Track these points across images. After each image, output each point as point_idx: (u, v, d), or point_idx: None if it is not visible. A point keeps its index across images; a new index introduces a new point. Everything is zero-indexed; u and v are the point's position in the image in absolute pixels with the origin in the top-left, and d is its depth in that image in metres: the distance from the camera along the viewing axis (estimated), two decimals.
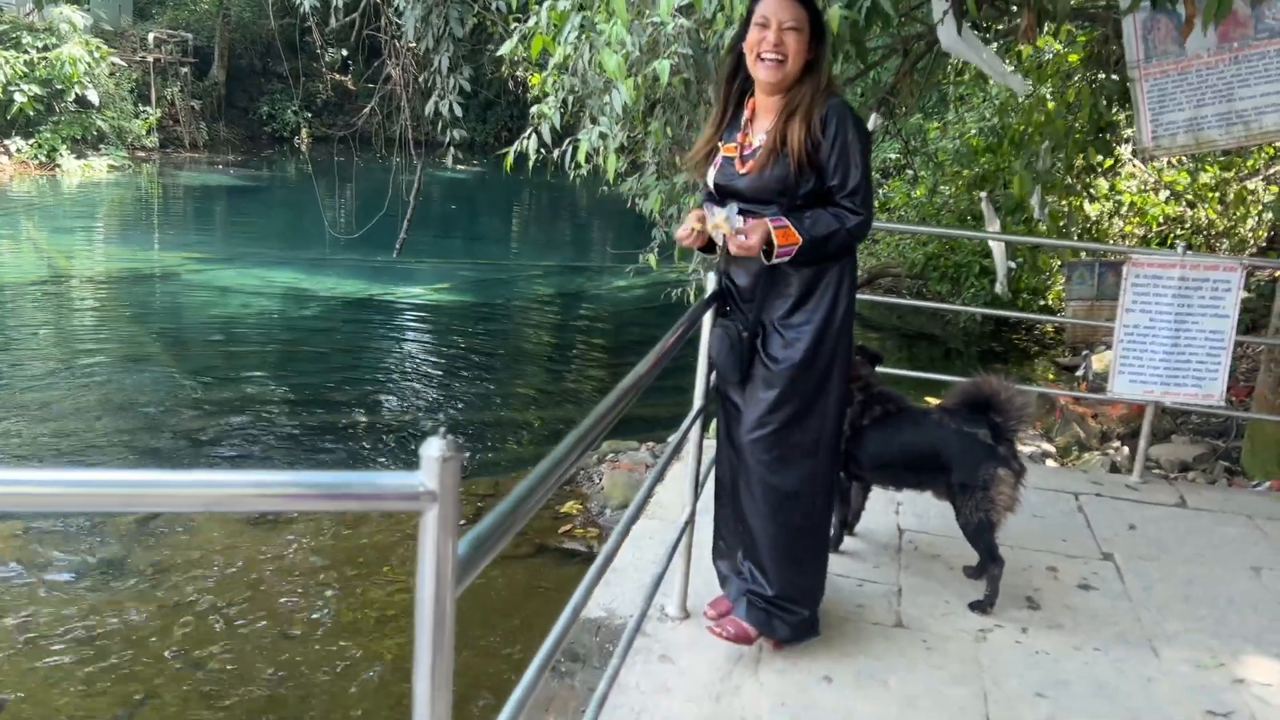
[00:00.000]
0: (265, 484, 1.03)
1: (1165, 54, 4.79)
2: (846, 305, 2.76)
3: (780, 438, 2.77)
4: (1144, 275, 4.53)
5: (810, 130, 2.60)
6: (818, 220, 2.63)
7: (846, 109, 2.64)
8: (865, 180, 2.63)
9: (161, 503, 0.99)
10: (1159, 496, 4.55)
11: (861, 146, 2.63)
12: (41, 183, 19.76)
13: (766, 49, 2.62)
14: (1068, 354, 9.65)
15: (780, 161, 2.64)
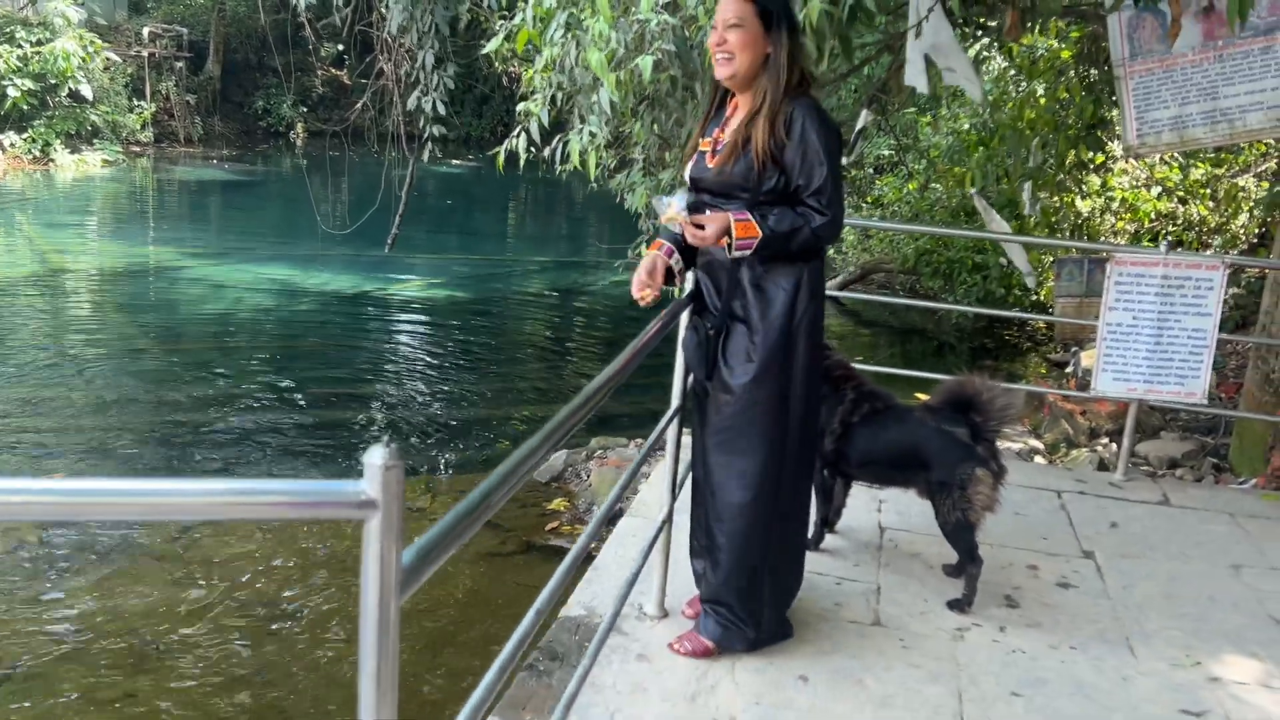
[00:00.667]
0: (205, 492, 1.03)
1: (1150, 52, 4.80)
2: (809, 310, 2.73)
3: (734, 443, 2.77)
4: (1127, 273, 4.54)
5: (775, 130, 2.60)
6: (782, 217, 2.63)
7: (813, 109, 2.63)
8: (832, 180, 2.60)
9: (98, 512, 0.99)
10: (1142, 494, 4.56)
11: (828, 146, 2.59)
12: (35, 177, 19.72)
13: (714, 47, 2.66)
14: (1059, 350, 9.67)
15: (743, 158, 2.65)
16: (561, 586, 2.03)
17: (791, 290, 2.71)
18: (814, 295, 2.75)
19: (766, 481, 2.77)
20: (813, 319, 2.75)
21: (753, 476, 2.76)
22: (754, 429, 2.73)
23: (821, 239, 2.65)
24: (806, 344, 2.75)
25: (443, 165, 20.20)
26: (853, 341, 10.80)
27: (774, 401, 2.73)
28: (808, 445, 2.86)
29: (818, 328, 2.79)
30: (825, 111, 2.67)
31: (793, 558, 2.99)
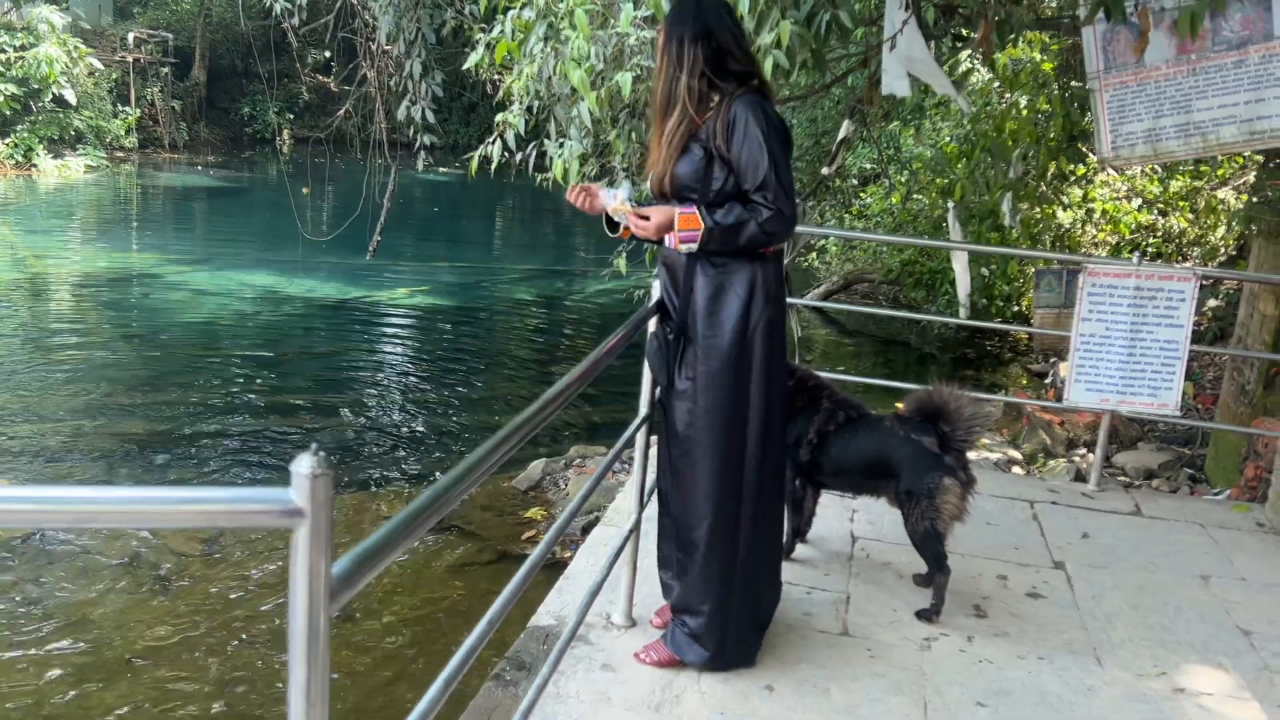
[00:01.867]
0: (131, 500, 1.02)
1: (1124, 65, 4.83)
2: (765, 313, 2.72)
3: (693, 452, 2.76)
4: (1100, 284, 4.56)
5: (715, 131, 2.62)
6: (729, 211, 2.64)
7: (754, 105, 2.62)
8: (776, 174, 2.58)
9: (26, 519, 0.98)
10: (1114, 504, 4.58)
11: (769, 141, 2.58)
12: (17, 183, 19.62)
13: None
14: (1039, 360, 9.71)
15: (688, 157, 2.66)
16: (518, 595, 2.01)
17: (745, 293, 2.70)
18: (770, 299, 2.73)
19: (728, 491, 2.76)
20: (770, 323, 2.73)
21: (714, 486, 2.75)
22: (710, 437, 2.73)
23: (770, 234, 2.63)
24: (764, 348, 2.72)
25: (429, 173, 20.18)
26: (835, 351, 10.82)
27: (730, 409, 2.72)
28: (772, 453, 2.82)
29: (776, 331, 2.76)
30: (770, 107, 2.66)
31: (763, 571, 2.95)
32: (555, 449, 6.69)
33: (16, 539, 5.16)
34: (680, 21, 2.68)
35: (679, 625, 2.90)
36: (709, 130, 2.64)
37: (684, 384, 2.76)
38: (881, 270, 12.16)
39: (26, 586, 4.80)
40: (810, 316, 11.73)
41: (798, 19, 3.87)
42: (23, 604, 4.64)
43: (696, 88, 2.65)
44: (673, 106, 2.68)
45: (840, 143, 7.30)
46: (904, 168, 12.03)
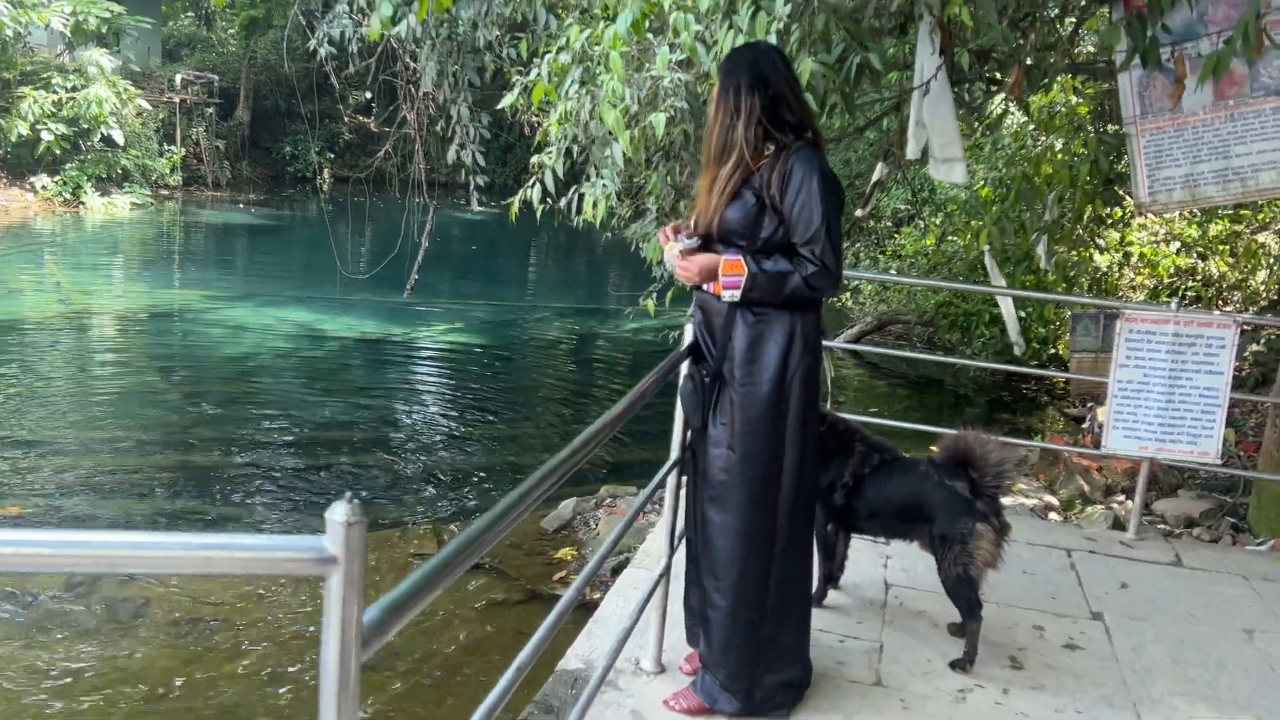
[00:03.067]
0: (165, 546, 1.04)
1: (1161, 111, 4.81)
2: (803, 363, 2.71)
3: (726, 498, 2.75)
4: (1138, 330, 4.51)
5: (770, 181, 2.64)
6: (776, 262, 2.65)
7: (811, 160, 2.63)
8: (827, 231, 2.59)
9: (64, 565, 1.00)
10: (1154, 554, 4.50)
11: (824, 197, 2.59)
12: (65, 220, 20.07)
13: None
14: (1075, 405, 9.59)
15: (739, 203, 2.68)
16: (549, 639, 2.01)
17: (784, 342, 2.69)
18: (809, 349, 2.72)
19: (760, 539, 2.74)
20: (807, 372, 2.72)
21: (745, 534, 2.74)
22: (745, 484, 2.72)
23: (815, 289, 2.64)
24: (801, 397, 2.72)
25: (466, 212, 20.41)
26: (868, 393, 10.76)
27: (766, 457, 2.71)
28: (805, 502, 2.81)
29: (812, 381, 2.76)
30: (825, 163, 2.68)
31: (793, 620, 2.90)
32: (585, 488, 6.68)
33: (35, 586, 5.22)
34: (736, 70, 2.71)
35: (709, 672, 2.88)
36: (763, 179, 2.65)
37: (719, 430, 2.76)
38: (916, 311, 12.11)
39: (56, 629, 4.85)
40: (843, 357, 11.69)
41: (828, 62, 3.90)
42: (52, 646, 4.69)
43: (753, 136, 2.67)
44: (728, 154, 2.69)
45: (874, 185, 7.31)
46: (938, 210, 12.01)
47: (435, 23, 6.81)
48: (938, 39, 4.11)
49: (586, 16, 5.53)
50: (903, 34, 4.59)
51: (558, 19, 6.43)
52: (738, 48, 2.87)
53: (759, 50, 2.77)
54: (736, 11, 3.95)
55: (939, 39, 4.10)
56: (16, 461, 6.97)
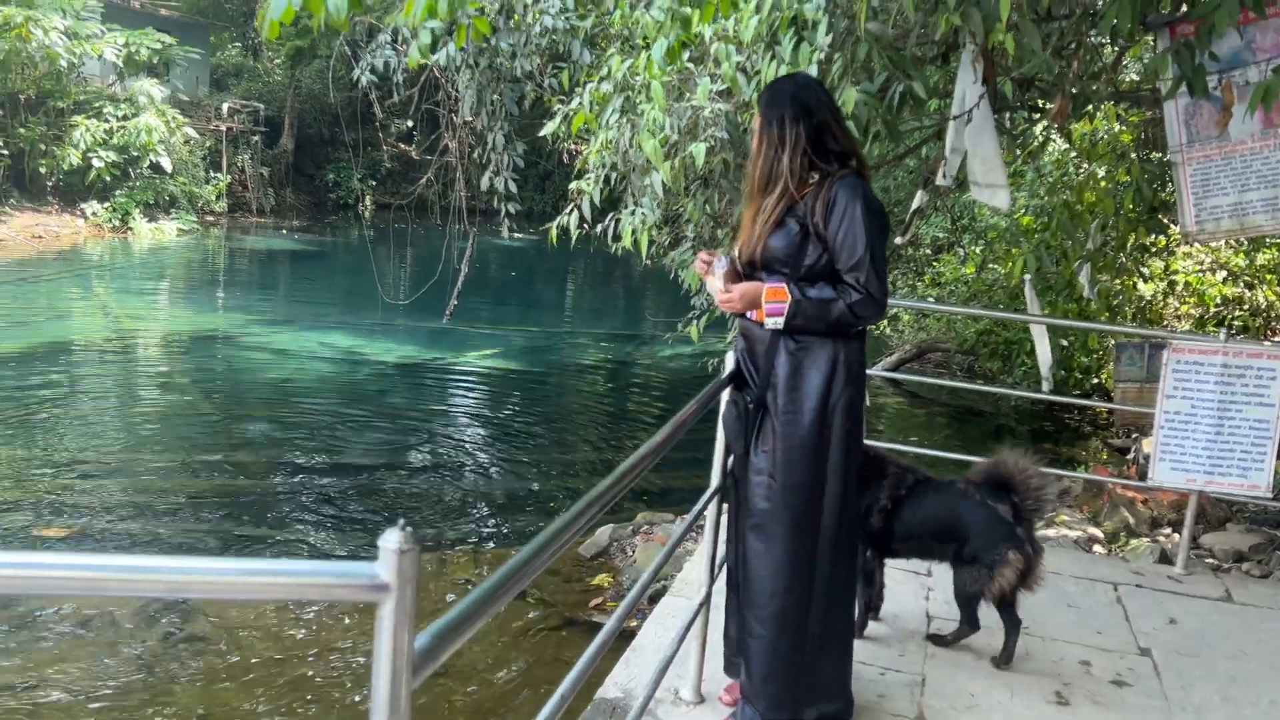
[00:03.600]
0: (220, 571, 1.06)
1: (1208, 139, 4.76)
2: (845, 393, 2.69)
3: (767, 527, 2.73)
4: (1185, 361, 4.45)
5: (814, 209, 2.64)
6: (820, 288, 2.65)
7: (855, 188, 2.63)
8: (871, 258, 2.59)
9: (120, 588, 1.02)
10: (1203, 589, 4.41)
11: (868, 225, 2.60)
12: (114, 245, 20.48)
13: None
14: (1120, 435, 9.45)
15: (783, 231, 2.68)
16: (591, 669, 2.01)
17: (827, 371, 2.68)
18: (851, 378, 2.71)
19: (802, 569, 2.72)
20: (850, 402, 2.71)
21: (787, 564, 2.72)
22: (786, 513, 2.70)
23: (859, 316, 2.63)
24: (844, 427, 2.70)
25: (505, 238, 20.61)
26: (907, 421, 10.68)
27: (807, 486, 2.70)
28: (847, 532, 2.78)
29: (855, 411, 2.74)
30: (869, 191, 2.68)
31: (835, 651, 2.87)
32: (622, 515, 6.67)
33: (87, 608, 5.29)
34: (778, 101, 2.72)
35: (749, 703, 2.85)
36: (807, 207, 2.66)
37: (760, 458, 2.75)
38: (956, 340, 12.01)
39: (101, 651, 4.91)
40: (881, 385, 11.61)
41: (870, 90, 3.91)
42: (99, 668, 4.74)
43: (798, 166, 2.68)
44: (773, 184, 2.70)
45: (914, 212, 7.29)
46: (979, 237, 11.93)
47: (475, 51, 6.91)
48: (980, 67, 4.10)
49: (628, 46, 5.59)
50: (945, 62, 4.59)
51: (596, 51, 6.50)
52: (777, 79, 2.89)
53: (799, 81, 2.79)
54: (779, 42, 3.97)
55: (982, 67, 4.09)
56: (64, 482, 7.09)
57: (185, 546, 6.18)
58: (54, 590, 1.01)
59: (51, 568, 1.02)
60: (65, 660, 4.72)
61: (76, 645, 4.87)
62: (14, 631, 4.98)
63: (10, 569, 1.02)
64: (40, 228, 20.43)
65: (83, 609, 5.18)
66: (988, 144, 4.21)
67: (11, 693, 4.43)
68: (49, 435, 8.17)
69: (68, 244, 19.93)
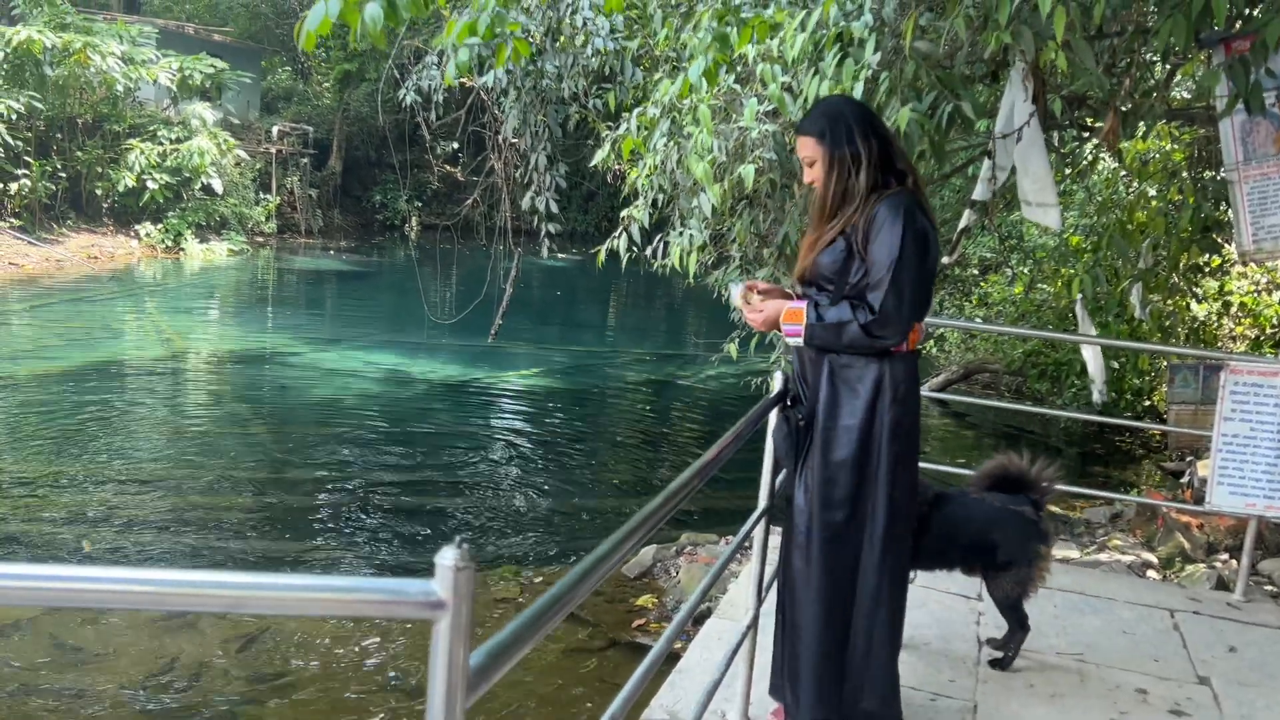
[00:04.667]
0: (279, 587, 1.06)
1: (1265, 156, 4.67)
2: (892, 413, 2.65)
3: (810, 549, 2.71)
4: (1244, 383, 4.35)
5: (859, 225, 2.63)
6: (838, 310, 2.63)
7: (896, 207, 2.59)
8: (891, 277, 2.54)
9: (179, 603, 1.02)
10: (1263, 617, 4.29)
11: (899, 244, 2.55)
12: (166, 265, 20.88)
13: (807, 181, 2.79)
14: (1173, 458, 9.26)
15: (832, 248, 2.67)
16: (639, 691, 1.99)
17: (870, 393, 2.65)
18: (898, 399, 2.65)
19: (841, 591, 2.69)
20: (896, 422, 2.65)
21: (825, 585, 2.69)
22: (825, 535, 2.67)
23: (873, 336, 2.59)
24: (891, 451, 2.65)
25: (549, 259, 20.80)
26: (954, 443, 10.55)
27: (844, 507, 2.66)
28: (894, 559, 2.73)
29: (904, 434, 2.68)
30: (912, 209, 2.61)
31: (881, 677, 2.80)
32: (666, 535, 6.65)
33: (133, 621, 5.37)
34: (840, 122, 2.68)
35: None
36: (853, 225, 2.64)
37: (805, 476, 2.73)
38: (1004, 360, 11.86)
39: (144, 662, 4.97)
40: (928, 406, 11.49)
41: (920, 109, 3.88)
42: (148, 681, 4.81)
43: (872, 183, 2.65)
44: (846, 204, 2.67)
45: (961, 231, 7.23)
46: (1027, 257, 11.80)
47: (521, 74, 6.98)
48: (1031, 85, 4.06)
49: (674, 68, 5.61)
50: (994, 80, 4.55)
51: (643, 71, 6.54)
52: (822, 102, 2.86)
53: (849, 101, 2.78)
54: (824, 60, 3.96)
55: (1032, 85, 4.05)
56: (115, 497, 7.21)
57: (233, 563, 6.25)
58: (117, 605, 1.02)
59: (113, 582, 1.04)
60: (106, 670, 4.78)
61: (117, 655, 4.94)
62: (53, 641, 5.06)
63: (74, 583, 1.03)
64: (96, 248, 20.89)
65: (124, 620, 5.26)
66: (1038, 162, 4.17)
67: (56, 698, 4.49)
68: (101, 451, 8.32)
69: (122, 264, 20.35)
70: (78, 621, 5.25)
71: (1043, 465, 3.46)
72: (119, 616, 5.30)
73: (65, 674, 4.75)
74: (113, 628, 5.24)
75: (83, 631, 5.18)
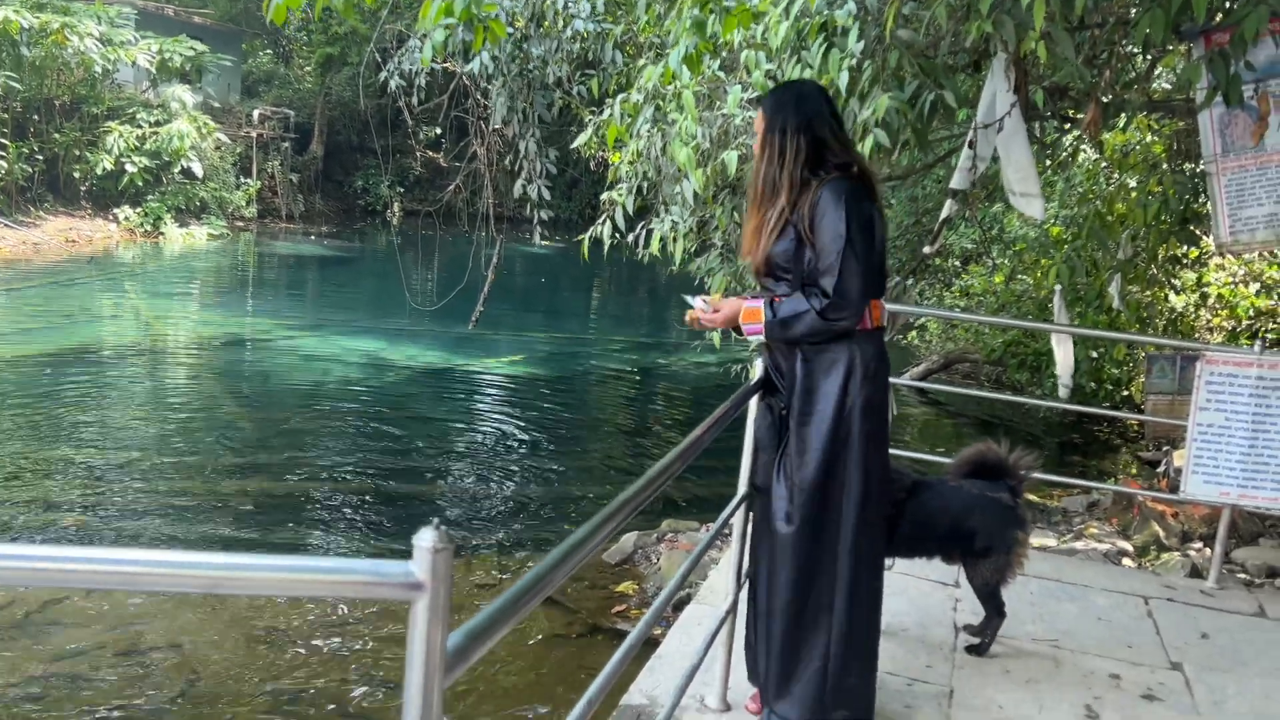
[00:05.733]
0: (256, 568, 1.06)
1: (1243, 149, 4.71)
2: (861, 394, 2.67)
3: (778, 531, 2.74)
4: (1219, 373, 4.39)
5: (804, 214, 2.65)
6: (793, 303, 2.65)
7: (836, 191, 2.62)
8: (839, 262, 2.56)
9: (158, 583, 1.02)
10: (1236, 604, 4.35)
11: (844, 227, 2.57)
12: (145, 249, 20.71)
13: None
14: (1150, 448, 9.35)
15: (782, 239, 2.69)
16: (616, 675, 2.00)
17: (843, 373, 2.67)
18: (868, 377, 2.68)
19: (816, 573, 2.71)
20: (868, 402, 2.68)
21: (797, 568, 2.71)
22: (801, 516, 2.69)
23: (829, 320, 2.60)
24: (863, 428, 2.67)
25: (531, 245, 20.75)
26: (934, 432, 10.61)
27: (823, 489, 2.68)
28: (870, 535, 2.74)
29: (875, 412, 2.70)
30: (854, 192, 2.64)
31: (858, 658, 2.81)
32: (647, 522, 6.66)
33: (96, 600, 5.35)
34: (780, 110, 2.73)
35: (773, 714, 2.83)
36: (800, 214, 2.67)
37: (785, 464, 2.75)
38: (984, 350, 11.93)
39: (125, 644, 4.96)
40: (908, 395, 11.55)
41: (900, 98, 3.89)
42: (126, 661, 4.79)
43: (798, 179, 2.68)
44: (774, 196, 2.71)
45: (943, 222, 7.25)
46: (1008, 248, 11.85)
47: (506, 59, 6.95)
48: (1013, 75, 4.07)
49: (658, 54, 5.60)
50: (977, 71, 4.56)
51: (626, 60, 6.52)
52: (780, 86, 2.89)
53: (803, 91, 2.79)
54: (807, 48, 3.96)
55: (1014, 75, 4.07)
56: (94, 482, 7.17)
57: (211, 546, 6.23)
58: (90, 584, 1.02)
59: (88, 562, 1.03)
60: (67, 657, 4.77)
61: (81, 641, 4.92)
62: (20, 628, 5.03)
63: (48, 563, 1.03)
64: (74, 231, 20.70)
65: (94, 604, 5.23)
66: (1021, 152, 4.19)
67: (21, 688, 4.48)
68: (79, 436, 8.27)
69: (100, 248, 20.18)
70: (52, 602, 5.22)
71: (1021, 453, 3.50)
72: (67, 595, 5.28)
73: (32, 654, 4.73)
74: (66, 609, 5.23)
75: (52, 611, 5.15)
